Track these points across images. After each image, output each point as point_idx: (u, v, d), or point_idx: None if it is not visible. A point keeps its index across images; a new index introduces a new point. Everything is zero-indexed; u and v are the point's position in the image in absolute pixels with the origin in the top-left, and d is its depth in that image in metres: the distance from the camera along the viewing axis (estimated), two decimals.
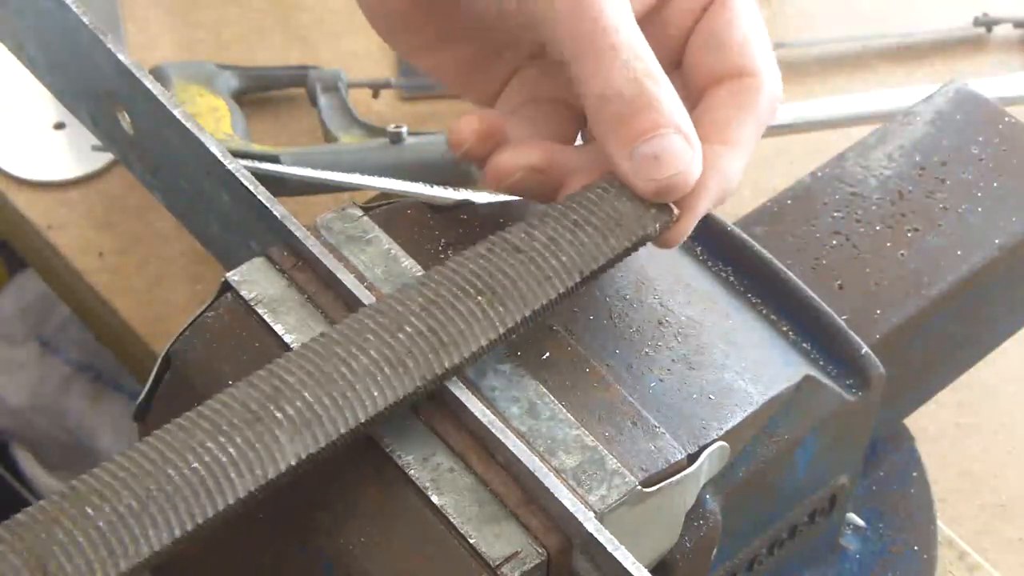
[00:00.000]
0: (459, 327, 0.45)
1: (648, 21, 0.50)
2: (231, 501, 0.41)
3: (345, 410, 0.43)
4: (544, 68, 0.53)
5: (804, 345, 0.53)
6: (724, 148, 0.48)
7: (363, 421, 0.43)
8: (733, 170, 0.48)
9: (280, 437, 0.42)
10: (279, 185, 0.77)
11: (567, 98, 0.51)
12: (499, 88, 0.54)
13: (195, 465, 0.41)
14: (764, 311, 0.54)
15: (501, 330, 0.45)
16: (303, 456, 0.42)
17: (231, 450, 0.42)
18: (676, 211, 0.47)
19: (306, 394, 0.43)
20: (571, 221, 0.47)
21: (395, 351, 0.44)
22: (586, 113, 0.47)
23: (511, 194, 0.51)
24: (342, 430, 0.43)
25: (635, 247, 0.47)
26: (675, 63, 0.51)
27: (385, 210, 0.52)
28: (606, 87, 0.46)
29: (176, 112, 0.51)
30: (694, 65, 0.50)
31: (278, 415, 0.42)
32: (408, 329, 0.45)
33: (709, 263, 0.55)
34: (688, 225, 0.48)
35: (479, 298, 0.45)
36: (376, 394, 0.43)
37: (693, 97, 0.50)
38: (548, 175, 0.50)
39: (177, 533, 0.40)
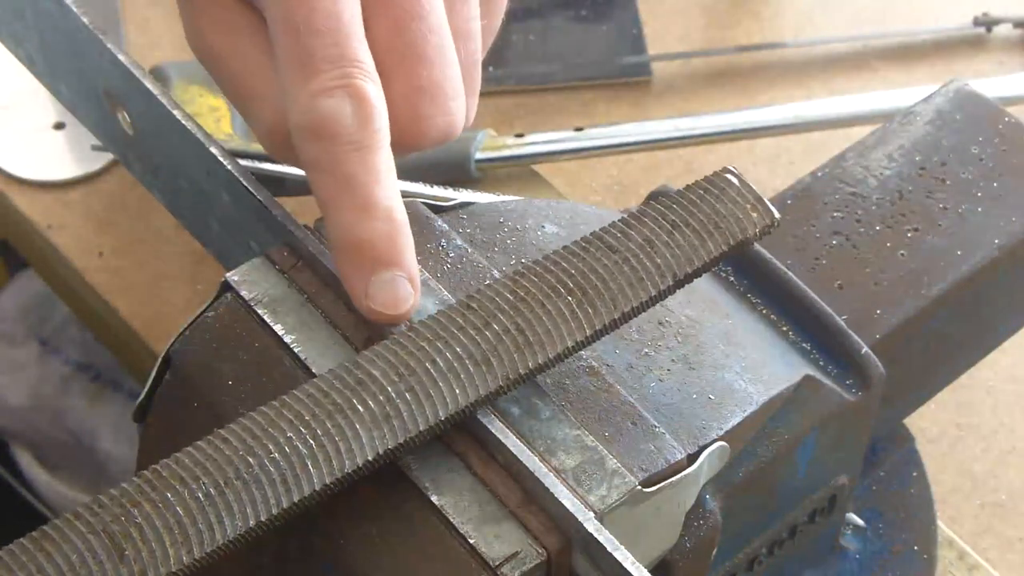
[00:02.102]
0: (546, 326, 0.45)
1: None
2: (307, 492, 0.41)
3: (426, 406, 0.43)
4: None
5: (804, 345, 0.53)
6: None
7: (443, 418, 0.43)
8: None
9: (360, 430, 0.42)
10: (279, 185, 0.77)
11: None
12: None
13: (274, 455, 0.42)
14: (764, 311, 0.54)
15: (588, 332, 0.45)
16: (380, 451, 0.42)
17: (311, 441, 0.42)
18: (777, 215, 0.46)
19: (389, 388, 0.43)
20: (669, 222, 0.46)
21: (480, 348, 0.44)
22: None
23: None
24: (421, 426, 0.43)
25: (733, 251, 0.46)
26: None
27: None
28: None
29: (176, 112, 0.51)
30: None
31: (360, 408, 0.43)
32: (495, 326, 0.45)
33: None
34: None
35: (569, 298, 0.45)
36: (458, 391, 0.43)
37: None
38: None
39: (252, 522, 0.41)
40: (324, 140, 0.45)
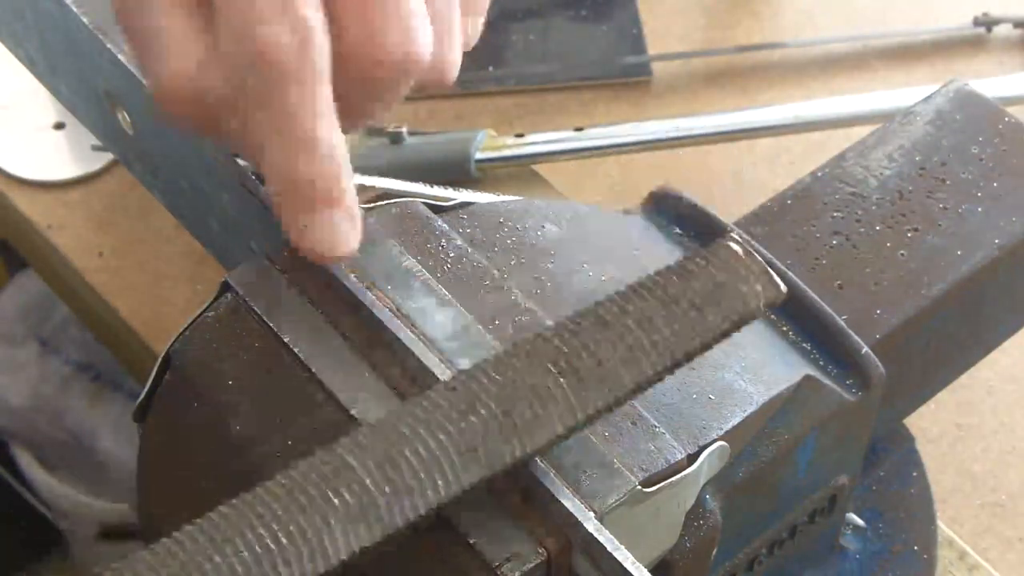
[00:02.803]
0: (536, 411, 0.42)
1: None
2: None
3: (405, 499, 0.40)
4: None
5: (804, 345, 0.53)
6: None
7: (423, 513, 0.40)
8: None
9: (334, 526, 0.40)
10: None
11: None
12: None
13: (243, 553, 0.39)
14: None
15: (581, 416, 0.42)
16: (356, 549, 0.39)
17: (282, 539, 0.39)
18: (784, 288, 0.44)
19: (366, 480, 0.40)
20: (670, 296, 0.43)
21: (464, 435, 0.41)
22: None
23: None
24: (399, 522, 0.40)
25: (736, 327, 0.44)
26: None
27: (385, 210, 0.52)
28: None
29: None
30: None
31: (335, 501, 0.40)
32: (482, 411, 0.42)
33: None
34: None
35: (561, 379, 0.42)
36: (441, 483, 0.41)
37: None
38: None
39: None
40: (262, 71, 0.42)
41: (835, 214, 0.59)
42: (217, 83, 0.44)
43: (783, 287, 0.44)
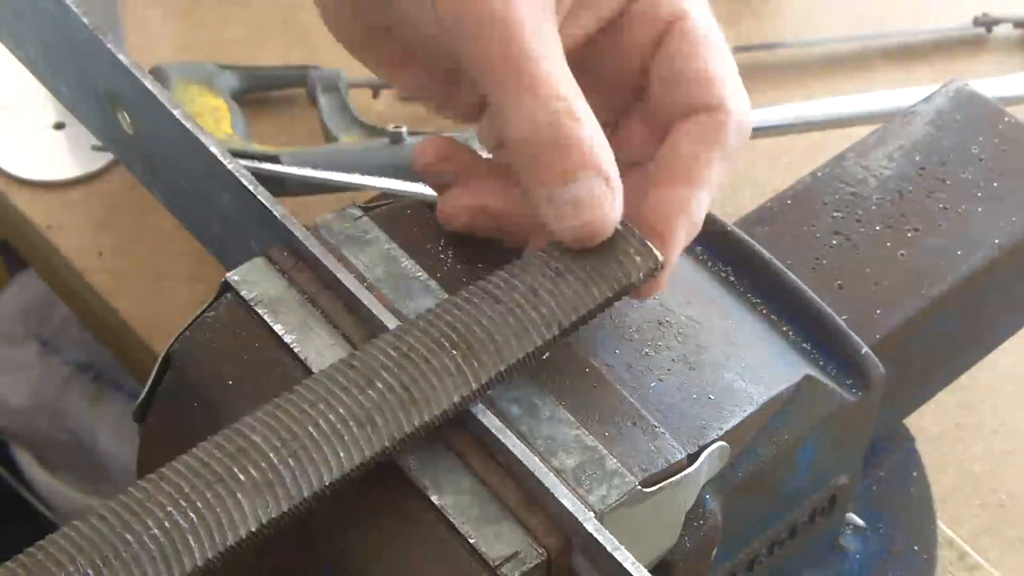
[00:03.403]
0: (431, 383, 0.43)
1: (602, 47, 0.47)
2: (188, 569, 0.40)
3: (310, 472, 0.42)
4: None
5: (804, 345, 0.53)
6: (691, 191, 0.46)
7: (327, 483, 0.42)
8: (701, 211, 0.46)
9: (242, 500, 0.41)
10: (279, 185, 0.77)
11: None
12: (477, 110, 0.51)
13: (154, 531, 0.40)
14: (764, 311, 0.54)
15: (474, 386, 0.44)
16: (263, 521, 0.41)
17: (191, 515, 0.40)
18: (661, 258, 0.45)
19: (271, 455, 0.42)
20: (553, 269, 0.45)
21: (364, 408, 0.43)
22: (507, 154, 0.45)
23: (459, 231, 0.49)
24: (305, 493, 0.41)
25: (618, 297, 0.45)
26: (638, 93, 0.49)
27: (385, 210, 0.52)
28: (522, 129, 0.43)
29: (176, 112, 0.51)
30: (657, 97, 0.48)
31: (241, 477, 0.41)
32: (379, 385, 0.43)
33: (709, 263, 0.55)
34: (664, 273, 0.46)
35: (454, 352, 0.44)
36: (342, 455, 0.42)
37: (659, 131, 0.48)
38: (503, 220, 0.48)
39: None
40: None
41: (835, 214, 0.59)
42: None
43: (660, 256, 0.45)
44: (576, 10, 0.46)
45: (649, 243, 0.45)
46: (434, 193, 0.52)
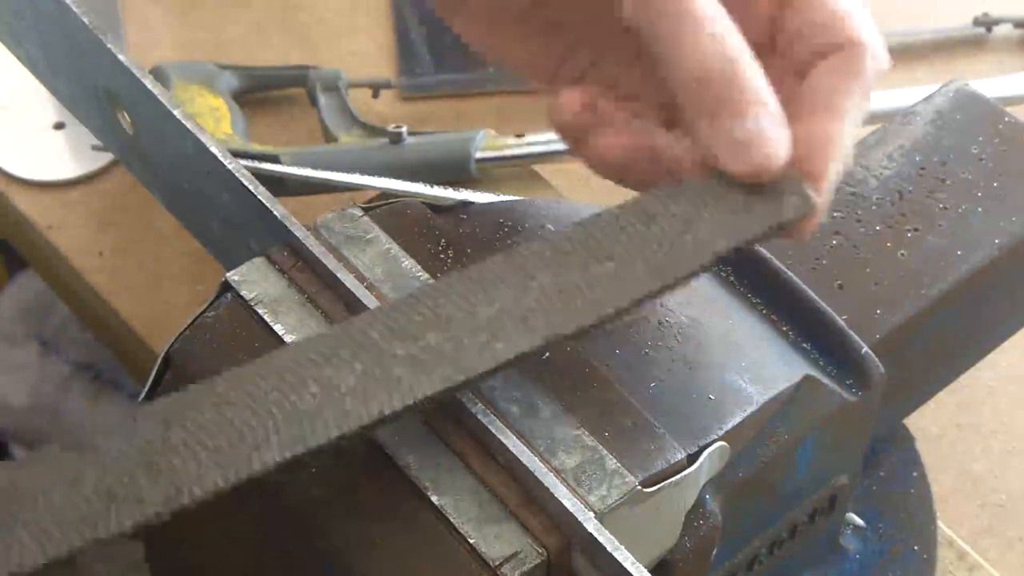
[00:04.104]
0: (586, 294, 0.44)
1: (733, 4, 0.48)
2: (344, 431, 0.40)
3: (470, 357, 0.42)
4: (622, 59, 0.50)
5: (804, 345, 0.53)
6: (835, 124, 0.46)
7: (481, 372, 0.42)
8: (847, 144, 0.47)
9: (401, 375, 0.42)
10: (279, 185, 0.77)
11: (648, 94, 0.50)
12: (573, 81, 0.51)
13: (314, 390, 0.41)
14: (764, 311, 0.54)
15: (627, 300, 0.44)
16: (419, 397, 0.41)
17: (351, 378, 0.41)
18: (815, 199, 0.46)
19: (429, 335, 0.42)
20: (711, 197, 0.46)
21: (521, 305, 0.43)
22: (676, 95, 0.46)
23: (608, 177, 0.50)
24: (461, 378, 0.42)
25: (772, 233, 0.46)
26: (768, 46, 0.49)
27: (385, 210, 0.52)
28: (697, 68, 0.45)
29: (176, 112, 0.51)
30: (789, 46, 0.48)
31: (399, 352, 0.42)
32: (535, 283, 0.44)
33: None
34: (818, 212, 0.46)
35: (608, 263, 0.44)
36: (500, 346, 0.43)
37: (791, 80, 0.48)
38: (652, 157, 0.49)
39: (288, 455, 0.40)
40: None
41: (835, 214, 0.59)
42: None
43: (813, 197, 0.45)
44: None
45: (804, 182, 0.46)
46: (434, 193, 0.52)
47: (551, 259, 0.44)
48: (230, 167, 0.50)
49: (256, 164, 0.78)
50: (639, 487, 0.44)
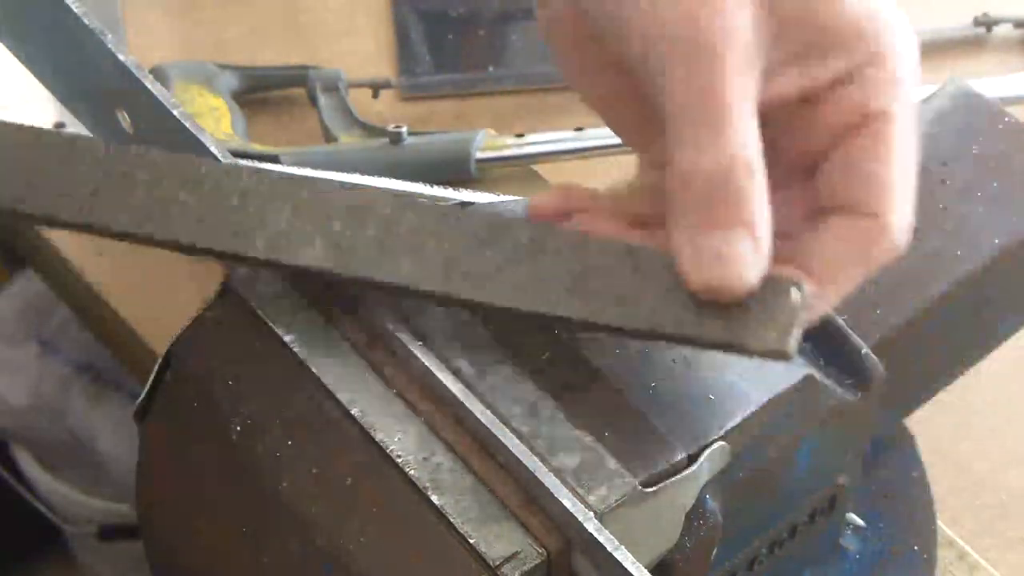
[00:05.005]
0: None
1: (793, 112, 0.45)
2: None
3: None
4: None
5: (804, 345, 0.53)
6: (822, 292, 0.44)
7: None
8: (825, 308, 0.45)
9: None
10: None
11: None
12: (643, 128, 0.48)
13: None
14: None
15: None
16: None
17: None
18: (782, 347, 0.42)
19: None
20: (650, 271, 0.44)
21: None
22: (666, 182, 0.43)
23: None
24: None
25: (725, 348, 0.43)
26: (809, 172, 0.46)
27: None
28: (696, 164, 0.41)
29: (176, 112, 0.51)
30: (823, 183, 0.45)
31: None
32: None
33: None
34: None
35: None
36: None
37: (813, 211, 0.45)
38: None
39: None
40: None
41: None
42: None
43: (781, 345, 0.42)
44: (785, 67, 0.44)
45: (780, 325, 0.42)
46: (434, 193, 0.52)
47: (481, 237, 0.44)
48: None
49: (256, 164, 0.78)
50: (639, 487, 0.44)
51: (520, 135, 0.83)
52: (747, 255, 0.42)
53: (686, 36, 0.42)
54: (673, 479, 0.45)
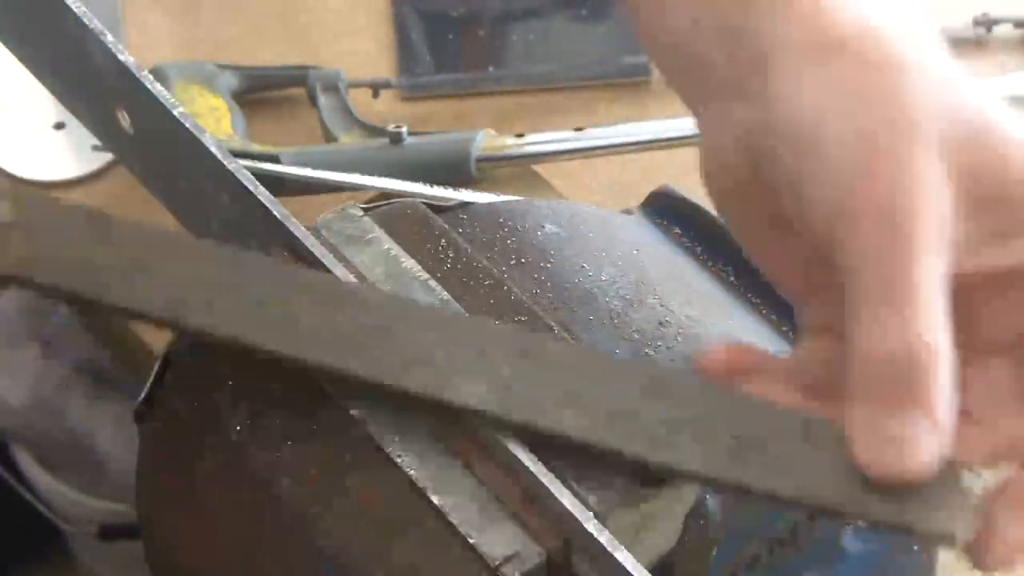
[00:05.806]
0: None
1: (989, 292, 0.43)
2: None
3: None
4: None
5: None
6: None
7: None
8: None
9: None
10: (279, 185, 0.77)
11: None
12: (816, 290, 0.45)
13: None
14: (764, 311, 0.54)
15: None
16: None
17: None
18: (962, 537, 0.42)
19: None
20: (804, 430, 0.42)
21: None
22: (845, 359, 0.40)
23: None
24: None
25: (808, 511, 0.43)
26: (1007, 349, 0.43)
27: (385, 210, 0.52)
28: (880, 345, 0.39)
29: (176, 112, 0.51)
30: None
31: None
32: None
33: (709, 263, 0.55)
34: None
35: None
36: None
37: (1019, 393, 0.43)
38: None
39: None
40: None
41: None
42: None
43: (960, 540, 0.42)
44: (982, 245, 0.42)
45: (951, 509, 0.41)
46: (434, 193, 0.52)
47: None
48: (230, 167, 0.50)
49: (256, 164, 0.77)
50: (639, 487, 0.44)
51: (520, 135, 0.83)
52: (925, 440, 0.40)
53: (878, 210, 0.39)
54: (673, 480, 0.45)
